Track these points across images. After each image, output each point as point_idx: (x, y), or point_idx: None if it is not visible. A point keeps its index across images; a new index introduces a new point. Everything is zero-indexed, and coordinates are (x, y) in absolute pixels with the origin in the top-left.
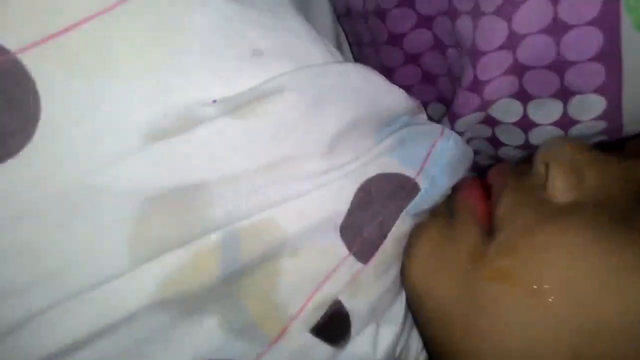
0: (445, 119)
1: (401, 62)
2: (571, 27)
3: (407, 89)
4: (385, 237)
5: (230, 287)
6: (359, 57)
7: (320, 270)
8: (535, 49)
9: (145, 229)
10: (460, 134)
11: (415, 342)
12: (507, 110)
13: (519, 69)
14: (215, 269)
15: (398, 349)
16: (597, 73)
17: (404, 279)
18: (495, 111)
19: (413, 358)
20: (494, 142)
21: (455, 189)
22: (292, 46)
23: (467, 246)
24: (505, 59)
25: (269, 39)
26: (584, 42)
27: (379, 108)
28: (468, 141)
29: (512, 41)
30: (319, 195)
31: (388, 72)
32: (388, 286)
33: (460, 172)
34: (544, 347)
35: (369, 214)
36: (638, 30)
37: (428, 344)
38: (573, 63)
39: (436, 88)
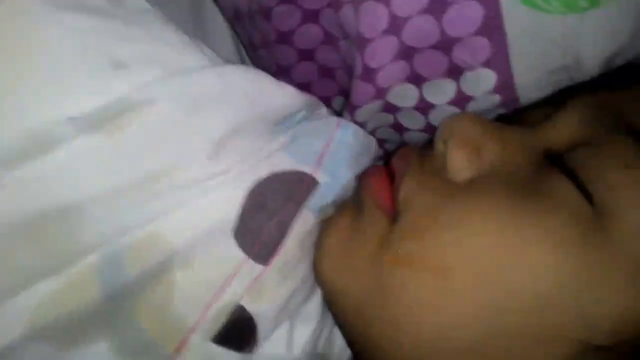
0: (346, 112)
1: (295, 59)
2: (450, 3)
3: (307, 86)
4: (284, 236)
5: (119, 307)
6: (254, 60)
7: (216, 278)
8: (420, 30)
9: (9, 261)
10: (363, 124)
11: (339, 339)
12: (404, 95)
13: (407, 53)
14: (95, 291)
15: (320, 346)
16: (483, 47)
17: (316, 275)
18: (393, 97)
19: (337, 355)
20: (398, 128)
21: (361, 179)
22: (161, 54)
23: (373, 235)
24: (392, 43)
25: (133, 50)
26: (465, 17)
27: (268, 108)
28: (373, 130)
29: (396, 25)
30: (205, 203)
31: (285, 71)
32: (298, 284)
33: (364, 163)
34: (457, 326)
35: (264, 215)
36: (519, 3)
37: (348, 340)
38: (458, 39)
39: (335, 82)
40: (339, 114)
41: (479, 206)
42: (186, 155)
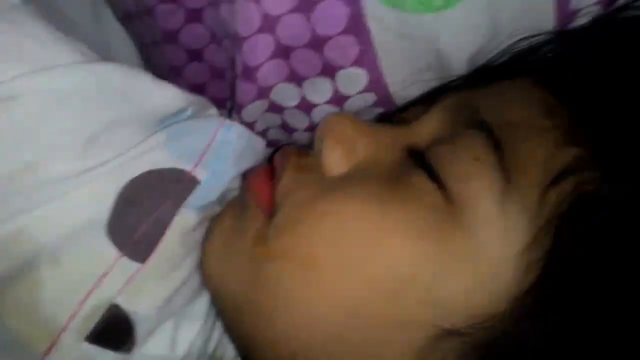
0: (234, 112)
1: (184, 60)
2: (317, 2)
3: (201, 87)
4: (162, 234)
5: None
6: (148, 61)
7: (87, 275)
8: (292, 28)
9: None
10: (252, 125)
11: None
12: (286, 95)
13: (284, 51)
14: None
15: (211, 348)
16: (351, 46)
17: (202, 274)
18: (276, 97)
19: (232, 355)
20: (286, 128)
21: (245, 178)
22: (28, 50)
23: (252, 232)
24: (267, 42)
25: None
26: (332, 16)
27: (146, 106)
28: (264, 132)
29: (269, 23)
30: (73, 199)
31: (177, 72)
32: (180, 284)
33: (248, 162)
34: (323, 318)
35: (140, 212)
36: (380, 2)
37: (233, 340)
38: (328, 38)
39: (227, 82)
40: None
41: (348, 199)
42: (53, 151)
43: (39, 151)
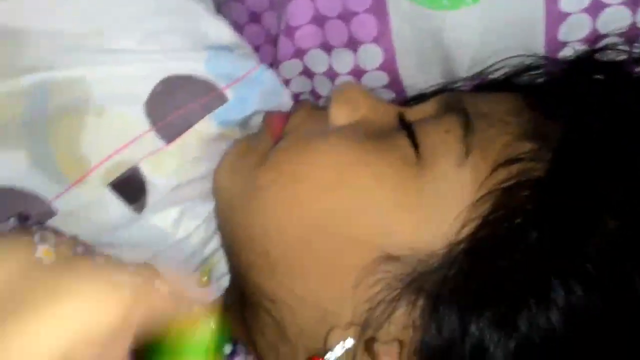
0: (274, 68)
1: (245, 19)
2: None
3: (255, 49)
4: (189, 127)
5: (37, 132)
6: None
7: (121, 134)
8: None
9: None
10: (286, 83)
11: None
12: (317, 61)
13: (320, 19)
14: (19, 112)
15: (206, 251)
16: (372, 24)
17: (212, 185)
18: (309, 62)
19: (224, 271)
20: (315, 95)
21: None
22: None
23: (259, 152)
24: (309, 7)
25: None
26: None
27: (201, 30)
28: (297, 95)
29: None
30: (127, 70)
31: (238, 29)
32: (193, 177)
33: (272, 104)
34: (293, 224)
35: (173, 103)
36: None
37: (225, 250)
38: (355, 13)
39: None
40: None
41: (339, 140)
42: (119, 29)
43: (109, 24)
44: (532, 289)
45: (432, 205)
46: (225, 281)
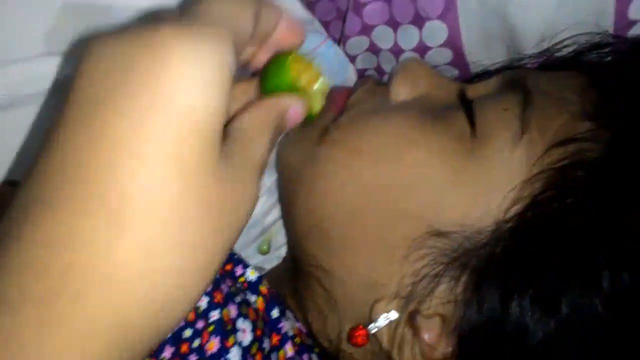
0: (341, 44)
1: None
2: None
3: (325, 25)
4: None
5: None
6: None
7: None
8: None
9: None
10: (353, 59)
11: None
12: (383, 37)
13: None
14: None
15: (266, 221)
16: (439, 0)
17: (275, 156)
18: (376, 38)
19: (282, 242)
20: (380, 71)
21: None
22: None
23: (322, 125)
24: None
25: None
26: None
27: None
28: (362, 72)
29: None
30: None
31: (309, 5)
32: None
33: (337, 79)
34: (348, 195)
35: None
36: None
37: (283, 211)
38: None
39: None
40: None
41: (399, 116)
42: None
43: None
44: (578, 271)
45: (485, 183)
46: (283, 251)
